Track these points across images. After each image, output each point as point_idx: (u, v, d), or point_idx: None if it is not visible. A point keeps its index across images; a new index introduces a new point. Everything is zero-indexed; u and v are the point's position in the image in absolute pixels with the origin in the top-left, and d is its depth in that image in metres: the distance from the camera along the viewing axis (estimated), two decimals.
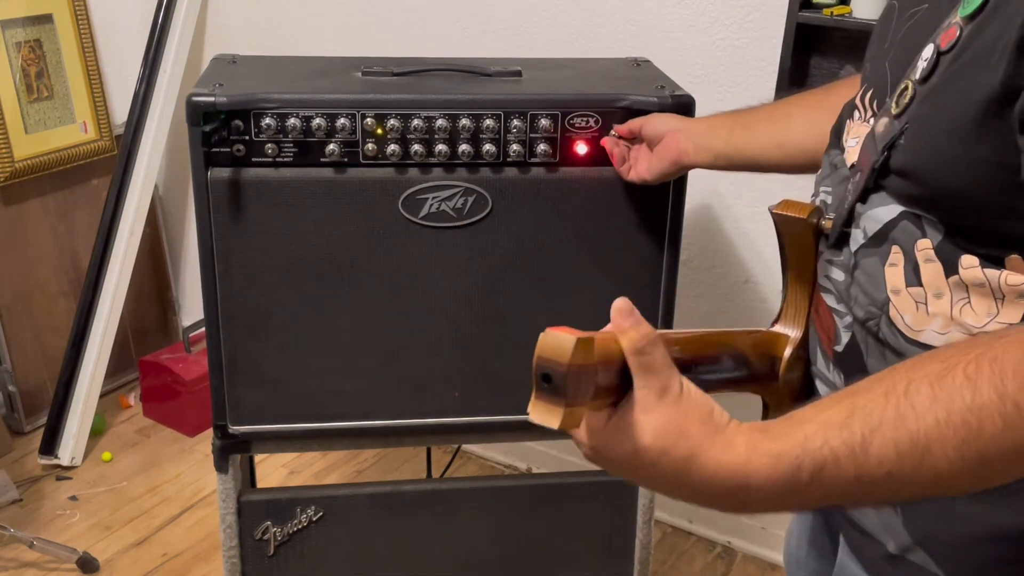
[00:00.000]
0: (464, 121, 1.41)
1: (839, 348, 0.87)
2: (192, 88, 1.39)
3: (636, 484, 0.71)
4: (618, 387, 0.68)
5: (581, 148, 1.44)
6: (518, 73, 1.54)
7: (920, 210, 0.79)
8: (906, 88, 0.80)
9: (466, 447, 2.58)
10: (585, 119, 1.44)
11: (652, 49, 1.97)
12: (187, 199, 2.87)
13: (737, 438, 0.67)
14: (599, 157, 1.45)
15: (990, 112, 0.70)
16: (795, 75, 1.85)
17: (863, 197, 0.84)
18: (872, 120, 0.86)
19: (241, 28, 2.57)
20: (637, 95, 1.44)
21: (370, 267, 1.47)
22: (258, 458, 2.10)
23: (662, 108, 1.43)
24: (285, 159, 1.41)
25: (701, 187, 2.01)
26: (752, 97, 1.94)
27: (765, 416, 0.94)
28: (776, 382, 0.91)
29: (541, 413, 0.64)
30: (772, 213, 0.93)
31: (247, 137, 1.39)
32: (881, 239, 0.82)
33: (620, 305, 0.69)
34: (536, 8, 2.12)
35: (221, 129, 1.38)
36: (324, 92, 1.42)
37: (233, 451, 1.57)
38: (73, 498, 2.41)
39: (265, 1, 2.50)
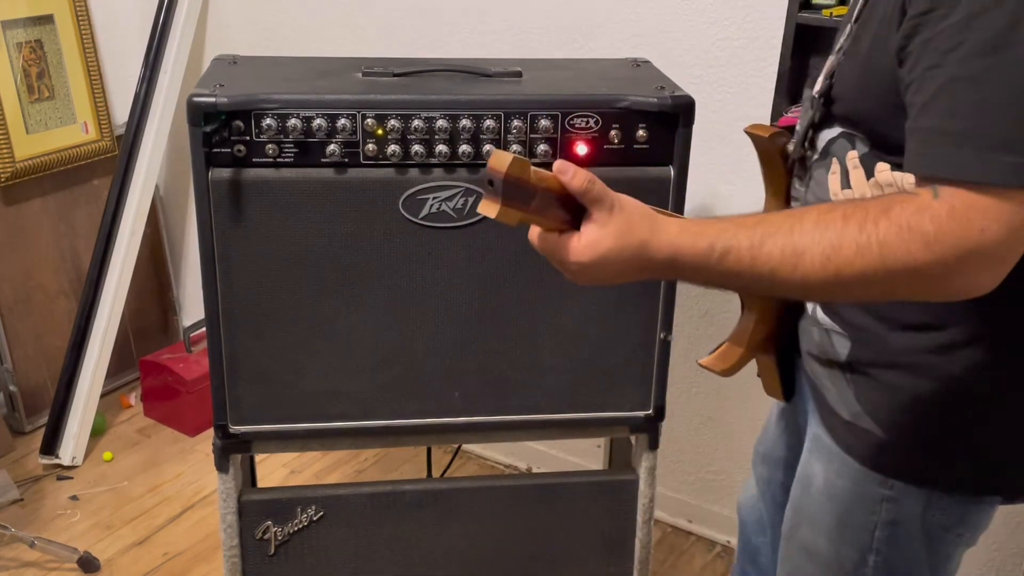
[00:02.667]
0: (464, 122, 1.41)
1: None
2: (193, 88, 1.40)
3: (607, 282, 0.96)
4: (563, 218, 0.92)
5: (581, 148, 1.44)
6: (518, 74, 1.55)
7: (851, 129, 1.03)
8: (850, 30, 1.04)
9: (466, 447, 2.58)
10: (585, 120, 1.44)
11: (652, 49, 1.97)
12: (188, 199, 2.87)
13: (671, 224, 0.91)
14: (599, 157, 1.45)
15: (880, 46, 0.93)
16: (795, 75, 1.85)
17: (818, 124, 1.08)
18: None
19: (241, 28, 2.57)
20: (637, 95, 1.45)
21: (370, 267, 1.47)
22: (258, 458, 2.10)
23: (662, 108, 1.44)
24: (286, 159, 1.41)
25: (701, 187, 2.01)
26: (752, 97, 1.94)
27: (744, 309, 1.20)
28: None
29: (485, 207, 0.88)
30: (745, 131, 1.18)
31: (248, 137, 1.39)
32: (825, 154, 1.07)
33: (559, 166, 0.91)
34: (536, 8, 2.13)
35: (222, 129, 1.38)
36: (325, 93, 1.42)
37: (234, 451, 1.57)
38: (74, 498, 2.41)
39: (265, 1, 2.50)
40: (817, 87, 1.09)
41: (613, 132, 1.44)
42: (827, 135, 1.07)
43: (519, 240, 1.49)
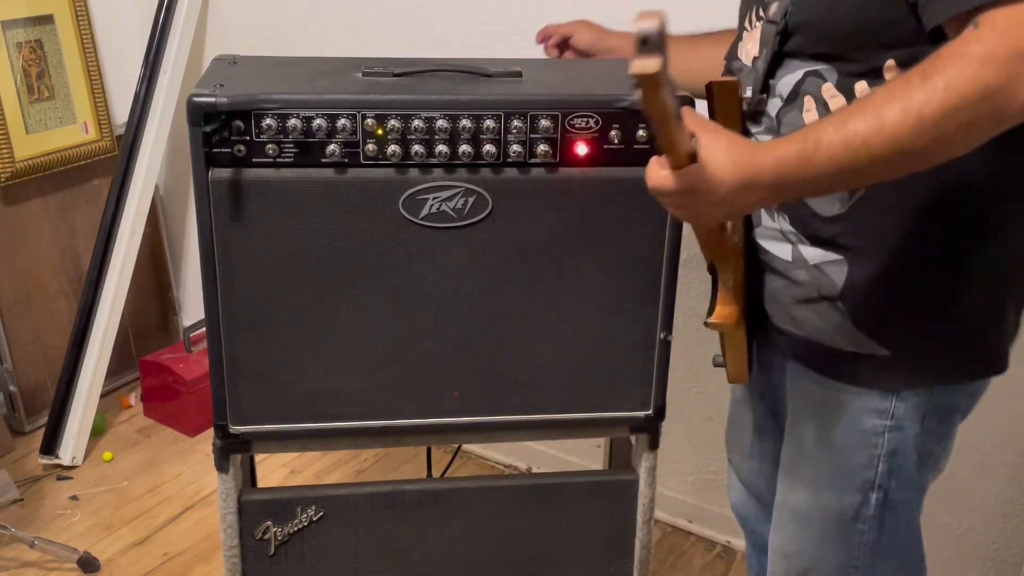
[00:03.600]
0: (464, 122, 1.41)
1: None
2: (193, 88, 1.40)
3: (720, 204, 1.00)
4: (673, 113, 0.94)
5: (581, 149, 1.44)
6: (518, 74, 1.55)
7: (817, 63, 1.07)
8: None
9: (466, 447, 2.58)
10: (585, 120, 1.44)
11: None
12: (188, 199, 2.88)
13: (764, 143, 0.99)
14: (599, 157, 1.45)
15: None
16: None
17: (772, 71, 1.12)
18: (761, 18, 1.15)
19: (241, 28, 2.57)
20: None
21: (370, 267, 1.47)
22: (258, 458, 2.10)
23: None
24: (286, 159, 1.41)
25: None
26: None
27: (714, 282, 1.24)
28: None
29: (642, 65, 0.82)
30: (709, 84, 1.14)
31: (248, 137, 1.39)
32: (794, 97, 1.10)
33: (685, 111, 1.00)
34: (537, 8, 2.13)
35: (222, 129, 1.38)
36: (325, 92, 1.42)
37: (234, 451, 1.57)
38: (74, 498, 2.41)
39: (265, 1, 2.50)
40: (757, 51, 1.13)
41: (613, 132, 1.44)
42: (790, 80, 1.10)
43: (519, 240, 1.50)
